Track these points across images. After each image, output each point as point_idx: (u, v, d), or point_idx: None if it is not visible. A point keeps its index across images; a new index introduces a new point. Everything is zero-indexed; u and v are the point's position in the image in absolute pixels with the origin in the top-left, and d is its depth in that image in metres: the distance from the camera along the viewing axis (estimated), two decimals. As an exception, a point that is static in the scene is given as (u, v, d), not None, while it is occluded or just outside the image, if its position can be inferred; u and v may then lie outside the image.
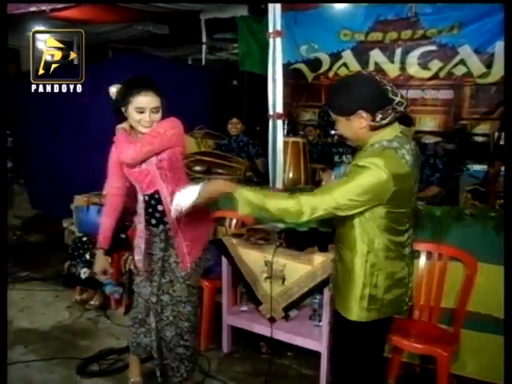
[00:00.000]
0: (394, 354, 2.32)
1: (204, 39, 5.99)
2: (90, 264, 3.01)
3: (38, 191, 5.14)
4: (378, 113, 1.44)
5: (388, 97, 1.44)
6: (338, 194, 1.42)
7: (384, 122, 1.46)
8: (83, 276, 3.08)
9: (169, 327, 2.13)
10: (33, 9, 4.13)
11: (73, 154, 4.43)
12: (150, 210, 2.03)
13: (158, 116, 1.91)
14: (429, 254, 2.26)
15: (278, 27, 2.61)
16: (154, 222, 2.05)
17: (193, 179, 3.22)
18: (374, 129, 1.48)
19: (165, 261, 2.08)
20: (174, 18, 5.63)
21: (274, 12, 2.61)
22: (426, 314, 2.26)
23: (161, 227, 2.04)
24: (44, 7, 4.15)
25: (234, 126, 3.97)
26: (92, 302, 3.17)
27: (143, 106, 1.86)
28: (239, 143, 3.96)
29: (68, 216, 4.13)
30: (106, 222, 2.09)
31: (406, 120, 3.07)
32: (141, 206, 2.05)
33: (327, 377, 2.24)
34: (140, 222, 2.07)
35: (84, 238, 3.14)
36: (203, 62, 6.14)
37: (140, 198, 2.05)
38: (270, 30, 2.63)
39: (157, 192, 2.00)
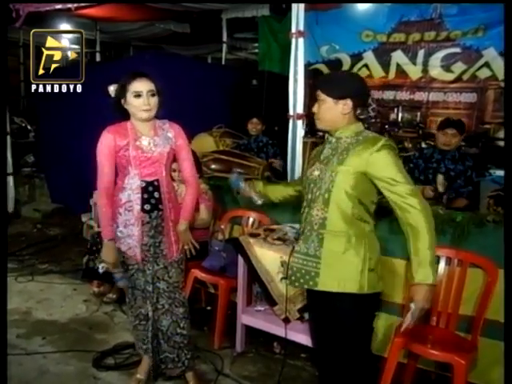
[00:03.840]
0: (409, 359, 2.29)
1: (225, 38, 6.02)
2: (107, 259, 3.06)
3: (58, 186, 5.23)
4: (359, 108, 1.73)
5: (368, 101, 1.79)
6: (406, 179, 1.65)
7: (360, 116, 1.74)
8: (101, 270, 3.12)
9: (165, 316, 2.19)
10: (58, 7, 4.21)
11: (93, 150, 4.49)
12: (146, 196, 2.05)
13: (155, 100, 2.00)
14: (448, 260, 2.22)
15: (301, 27, 2.60)
16: (148, 207, 2.06)
17: (211, 177, 3.25)
18: (350, 118, 1.73)
19: (156, 247, 2.12)
20: (196, 16, 5.67)
21: (298, 12, 2.60)
22: (444, 320, 2.22)
23: (154, 213, 2.08)
24: (59, 6, 4.22)
25: (254, 127, 3.97)
26: (110, 295, 3.22)
27: (140, 89, 1.96)
28: (259, 143, 3.97)
29: (87, 211, 4.20)
30: (107, 212, 2.06)
31: (459, 126, 2.94)
32: (134, 193, 2.04)
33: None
34: (130, 208, 2.05)
35: (102, 233, 3.19)
36: (223, 61, 6.16)
37: (135, 184, 2.04)
38: (293, 30, 2.62)
39: (157, 180, 2.06)
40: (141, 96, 1.96)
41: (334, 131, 1.77)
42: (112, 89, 2.06)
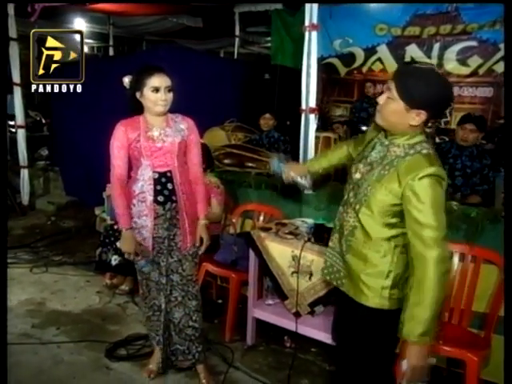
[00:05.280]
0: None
1: (237, 32, 6.01)
2: (120, 251, 3.09)
3: (72, 179, 5.29)
4: (431, 121, 1.49)
5: (445, 113, 1.46)
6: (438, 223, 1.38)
7: (427, 130, 1.51)
8: (114, 263, 3.17)
9: (177, 308, 2.21)
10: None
11: (106, 144, 4.53)
12: (159, 188, 2.06)
13: (171, 95, 2.01)
14: (462, 256, 2.20)
15: (315, 20, 2.58)
16: (161, 199, 2.07)
17: (223, 171, 3.26)
18: (417, 129, 1.45)
19: (171, 240, 2.13)
20: (208, 11, 5.67)
21: (311, 5, 2.58)
22: (457, 316, 2.20)
23: (168, 205, 2.08)
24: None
25: (267, 122, 3.96)
26: (122, 287, 3.25)
27: (158, 84, 1.97)
28: (270, 139, 3.96)
29: (100, 204, 4.24)
30: (123, 201, 2.06)
31: (480, 122, 2.83)
32: (147, 184, 2.05)
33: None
34: (143, 199, 2.06)
35: (115, 226, 3.21)
36: (235, 55, 6.16)
37: (147, 175, 2.05)
38: (307, 23, 2.60)
39: (169, 171, 2.06)
40: (159, 91, 1.97)
41: (389, 133, 1.51)
42: (127, 80, 2.07)
